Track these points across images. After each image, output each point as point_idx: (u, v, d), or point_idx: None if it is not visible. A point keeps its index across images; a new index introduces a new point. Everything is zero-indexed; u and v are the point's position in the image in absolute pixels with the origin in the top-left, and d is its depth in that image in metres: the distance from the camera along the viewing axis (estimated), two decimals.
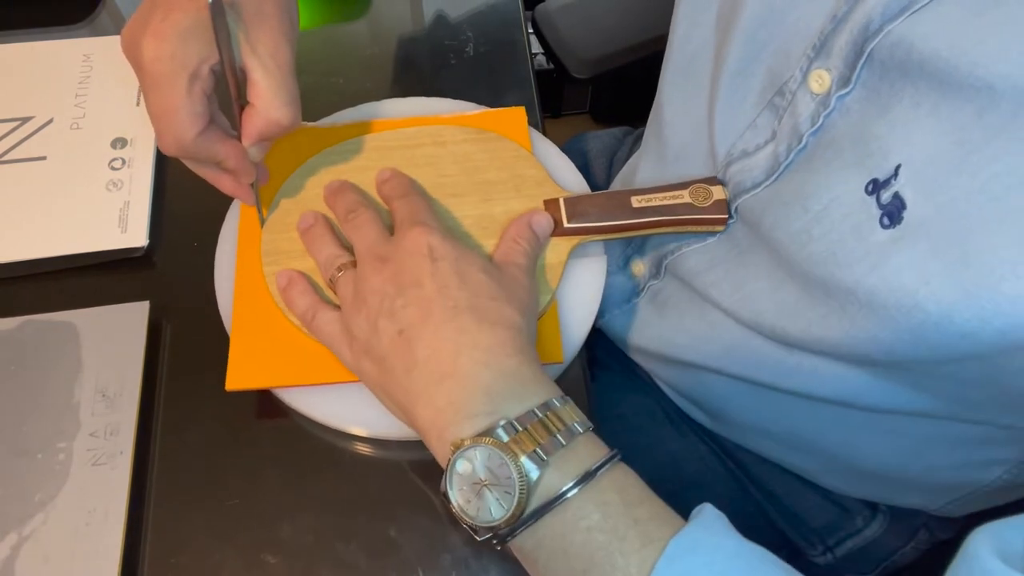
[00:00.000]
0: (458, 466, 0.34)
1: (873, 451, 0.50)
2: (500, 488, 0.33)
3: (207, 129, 0.40)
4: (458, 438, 0.35)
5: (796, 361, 0.44)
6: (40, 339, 0.47)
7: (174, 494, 0.45)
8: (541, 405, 0.35)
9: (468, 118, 0.53)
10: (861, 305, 0.35)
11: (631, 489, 0.35)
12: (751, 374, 0.48)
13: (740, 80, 0.42)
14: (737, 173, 0.43)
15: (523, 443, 0.33)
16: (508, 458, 0.33)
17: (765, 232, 0.42)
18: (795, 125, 0.39)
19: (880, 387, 0.42)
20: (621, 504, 0.33)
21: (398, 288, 0.39)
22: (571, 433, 0.35)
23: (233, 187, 0.45)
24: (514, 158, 0.51)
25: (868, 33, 0.34)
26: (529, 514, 0.33)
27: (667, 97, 0.51)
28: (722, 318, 0.48)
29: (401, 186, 0.47)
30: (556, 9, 0.91)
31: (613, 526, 0.33)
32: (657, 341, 0.55)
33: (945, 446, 0.47)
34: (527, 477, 0.33)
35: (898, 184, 0.33)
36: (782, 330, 0.42)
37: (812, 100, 0.38)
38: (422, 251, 0.40)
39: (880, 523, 0.58)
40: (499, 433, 0.34)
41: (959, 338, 0.33)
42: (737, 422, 0.57)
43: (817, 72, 0.37)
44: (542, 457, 0.33)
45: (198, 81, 0.39)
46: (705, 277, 0.48)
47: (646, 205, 0.47)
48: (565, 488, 0.33)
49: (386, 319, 0.39)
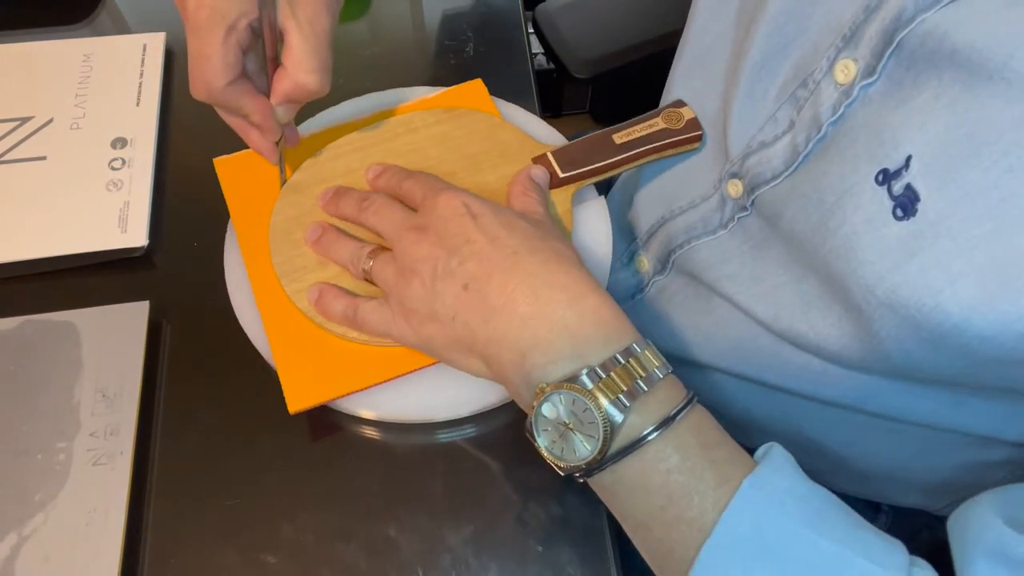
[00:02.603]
0: (544, 410, 0.35)
1: (877, 452, 0.50)
2: (584, 431, 0.35)
3: (237, 81, 0.42)
4: (544, 382, 0.36)
5: (805, 361, 0.44)
6: (40, 339, 0.47)
7: (174, 494, 0.45)
8: (623, 351, 0.36)
9: (431, 100, 0.54)
10: (880, 303, 0.35)
11: (708, 431, 0.36)
12: (757, 374, 0.48)
13: (763, 73, 0.42)
14: (756, 165, 0.43)
15: (607, 390, 0.34)
16: (592, 405, 0.34)
17: (785, 226, 0.41)
18: (816, 115, 0.39)
19: (889, 390, 0.42)
20: (698, 446, 0.35)
21: (449, 250, 0.40)
22: (651, 379, 0.35)
23: (259, 142, 0.46)
24: (489, 127, 0.52)
25: (900, 22, 0.33)
26: (611, 455, 0.35)
27: (678, 89, 0.51)
28: (730, 314, 0.48)
29: (399, 171, 0.48)
30: (556, 9, 0.91)
31: (691, 467, 0.34)
32: (660, 339, 0.55)
33: (949, 448, 0.47)
34: (611, 422, 0.34)
35: (910, 175, 0.33)
36: (807, 326, 0.42)
37: (836, 90, 0.37)
38: (460, 211, 0.41)
39: (882, 523, 0.58)
40: (583, 380, 0.35)
41: (979, 342, 0.33)
42: (742, 422, 0.57)
43: (844, 62, 0.37)
44: (624, 404, 0.34)
45: (234, 33, 0.40)
46: (719, 270, 0.48)
47: (627, 139, 0.50)
48: (646, 432, 0.34)
49: (444, 281, 0.39)
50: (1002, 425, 0.42)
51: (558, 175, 0.49)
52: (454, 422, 0.46)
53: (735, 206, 0.46)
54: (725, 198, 0.46)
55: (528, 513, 0.44)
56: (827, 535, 0.33)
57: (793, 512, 0.33)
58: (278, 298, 0.46)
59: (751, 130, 0.43)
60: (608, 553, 0.43)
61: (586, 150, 0.50)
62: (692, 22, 0.49)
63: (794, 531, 0.33)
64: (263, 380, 0.48)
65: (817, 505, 0.34)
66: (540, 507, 0.44)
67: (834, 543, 0.32)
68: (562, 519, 0.44)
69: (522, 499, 0.44)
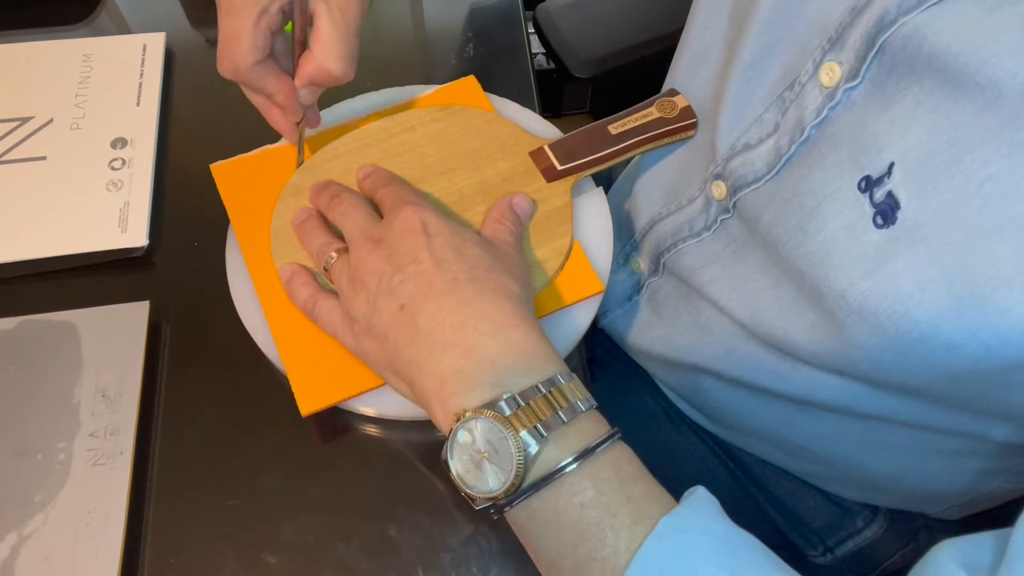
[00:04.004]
0: (459, 436, 0.34)
1: (872, 460, 0.50)
2: (499, 460, 0.34)
3: (264, 62, 0.43)
4: (461, 408, 0.35)
5: (792, 365, 0.44)
6: (40, 339, 0.47)
7: (174, 494, 0.45)
8: (545, 381, 0.35)
9: (426, 99, 0.54)
10: (851, 310, 0.35)
11: (627, 467, 0.35)
12: (749, 377, 0.48)
13: (752, 73, 0.42)
14: (739, 167, 0.43)
15: (524, 418, 0.34)
16: (508, 432, 0.33)
17: (763, 229, 0.41)
18: (800, 118, 0.39)
19: (873, 395, 0.42)
20: (616, 481, 0.34)
21: (395, 266, 0.39)
22: (573, 410, 0.35)
23: (280, 121, 0.47)
24: (485, 123, 0.52)
25: (883, 24, 0.33)
26: (526, 487, 0.33)
27: (679, 87, 0.51)
28: (717, 318, 0.48)
29: (383, 176, 0.48)
30: (557, 9, 0.91)
31: (607, 503, 0.33)
32: (658, 342, 0.55)
33: (943, 457, 0.47)
34: (525, 452, 0.33)
35: (891, 183, 0.33)
36: (782, 331, 0.42)
37: (820, 93, 0.37)
38: (415, 228, 0.41)
39: (880, 524, 0.58)
40: (501, 406, 0.34)
41: (945, 351, 0.32)
42: (738, 427, 0.57)
43: (829, 64, 0.37)
44: (542, 433, 0.34)
45: (265, 16, 0.41)
46: (702, 274, 0.48)
47: (623, 129, 0.50)
48: (563, 464, 0.33)
49: (385, 297, 0.39)
50: (988, 426, 0.42)
51: (556, 167, 0.49)
52: None
53: (719, 208, 0.46)
54: (710, 200, 0.47)
55: None
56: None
57: (709, 554, 0.31)
58: (283, 302, 0.46)
59: (737, 131, 0.43)
60: None
61: (583, 142, 0.50)
62: (692, 21, 0.49)
63: (710, 574, 0.31)
64: (263, 380, 0.48)
65: (735, 546, 0.32)
66: None
67: None
68: None
69: None
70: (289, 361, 0.44)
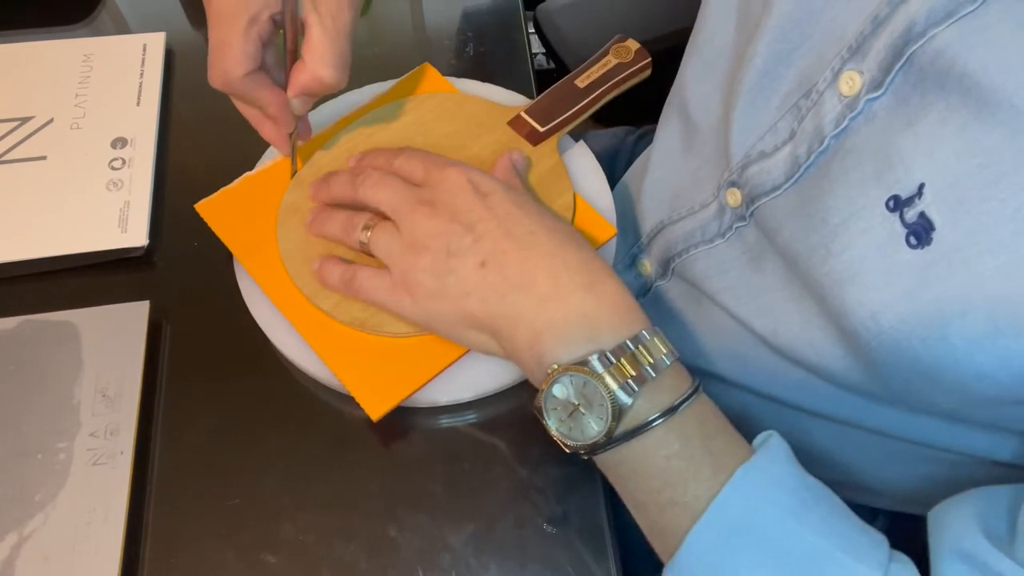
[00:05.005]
0: (555, 390, 0.36)
1: (874, 467, 0.50)
2: (592, 412, 0.36)
3: (255, 73, 0.42)
4: (555, 363, 0.36)
5: (803, 375, 0.44)
6: (40, 339, 0.47)
7: (174, 494, 0.45)
8: (633, 337, 0.37)
9: (388, 95, 0.55)
10: (881, 331, 0.35)
11: (709, 421, 0.37)
12: (756, 384, 0.48)
13: (766, 81, 0.41)
14: (755, 175, 0.42)
15: (616, 374, 0.35)
16: (602, 388, 0.35)
17: (782, 243, 0.41)
18: (818, 126, 0.38)
19: (885, 411, 0.42)
20: (699, 436, 0.36)
21: (464, 226, 0.40)
22: (658, 366, 0.36)
23: (272, 134, 0.47)
24: (456, 104, 0.53)
25: (911, 36, 0.33)
26: (617, 437, 0.36)
27: (688, 93, 0.50)
28: (729, 325, 0.48)
29: (385, 150, 0.47)
30: (557, 9, 0.91)
31: (691, 455, 0.36)
32: None
33: (945, 468, 0.47)
34: (619, 405, 0.35)
35: (923, 203, 0.32)
36: (808, 345, 0.41)
37: (839, 102, 0.37)
38: (467, 188, 0.41)
39: (880, 524, 0.58)
40: (594, 364, 0.36)
41: (975, 379, 0.32)
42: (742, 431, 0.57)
43: (848, 74, 0.36)
44: (633, 388, 0.36)
45: (256, 25, 0.41)
46: (717, 282, 0.47)
47: (589, 81, 0.53)
48: (652, 418, 0.36)
49: (459, 258, 0.39)
50: (996, 446, 0.42)
51: (538, 130, 0.51)
52: (455, 420, 0.46)
53: (733, 215, 0.45)
54: (724, 207, 0.46)
55: (528, 513, 0.44)
56: (811, 526, 0.34)
57: (781, 502, 0.34)
58: (317, 320, 0.45)
59: (751, 139, 0.43)
60: (608, 553, 0.43)
61: (557, 100, 0.53)
62: (702, 26, 0.48)
63: (780, 521, 0.34)
64: (263, 380, 0.48)
65: (805, 496, 0.35)
66: (540, 507, 0.44)
67: (817, 535, 0.33)
68: (562, 519, 0.44)
69: (522, 499, 0.44)
70: (343, 374, 0.44)
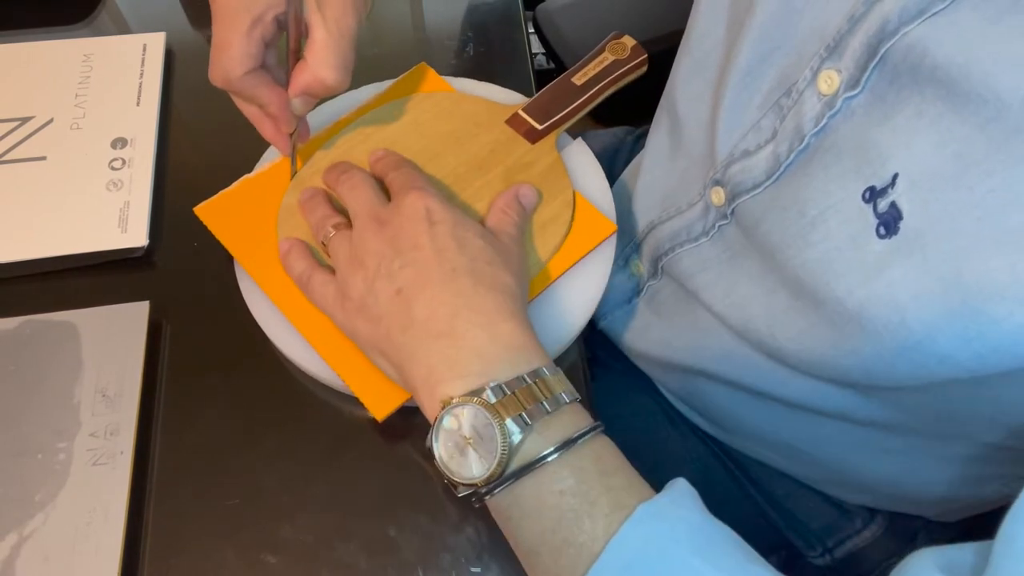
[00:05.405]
0: (445, 422, 0.35)
1: (870, 464, 0.50)
2: (483, 447, 0.34)
3: (256, 72, 0.43)
4: (448, 396, 0.35)
5: (788, 371, 0.44)
6: (40, 339, 0.47)
7: (174, 494, 0.45)
8: (531, 372, 0.36)
9: (385, 95, 0.55)
10: (849, 318, 0.35)
11: (608, 459, 0.36)
12: (745, 381, 0.48)
13: (749, 80, 0.42)
14: (737, 173, 0.43)
15: (510, 406, 0.34)
16: (493, 419, 0.34)
17: (761, 236, 0.41)
18: (799, 125, 0.38)
19: (867, 403, 0.42)
20: (596, 472, 0.35)
21: (396, 250, 0.40)
22: (557, 402, 0.36)
23: (272, 133, 0.47)
24: (453, 103, 0.53)
25: (884, 34, 0.33)
26: (508, 474, 0.34)
27: (678, 94, 0.50)
28: (713, 323, 0.48)
29: (394, 160, 0.48)
30: (557, 9, 0.91)
31: (586, 491, 0.34)
32: (657, 345, 0.55)
33: (939, 463, 0.47)
34: (510, 439, 0.34)
35: (895, 193, 0.33)
36: (771, 338, 0.42)
37: (819, 101, 0.37)
38: (420, 214, 0.41)
39: (879, 525, 0.58)
40: (488, 395, 0.35)
41: (937, 361, 0.32)
42: (736, 430, 0.57)
43: (827, 73, 0.36)
44: (526, 421, 0.34)
45: (259, 25, 0.41)
46: (698, 279, 0.48)
47: (586, 79, 0.54)
48: (545, 453, 0.34)
49: (384, 280, 0.39)
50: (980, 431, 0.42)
51: (537, 128, 0.52)
52: None
53: (717, 214, 0.46)
54: (708, 206, 0.46)
55: None
56: (717, 566, 0.31)
57: (683, 540, 0.32)
58: (319, 321, 0.45)
59: (735, 138, 0.43)
60: None
61: (554, 98, 0.53)
62: (693, 27, 0.49)
63: (682, 559, 0.31)
64: (263, 380, 0.48)
65: (710, 535, 0.33)
66: None
67: (723, 573, 0.31)
68: None
69: None
70: (347, 376, 0.44)
